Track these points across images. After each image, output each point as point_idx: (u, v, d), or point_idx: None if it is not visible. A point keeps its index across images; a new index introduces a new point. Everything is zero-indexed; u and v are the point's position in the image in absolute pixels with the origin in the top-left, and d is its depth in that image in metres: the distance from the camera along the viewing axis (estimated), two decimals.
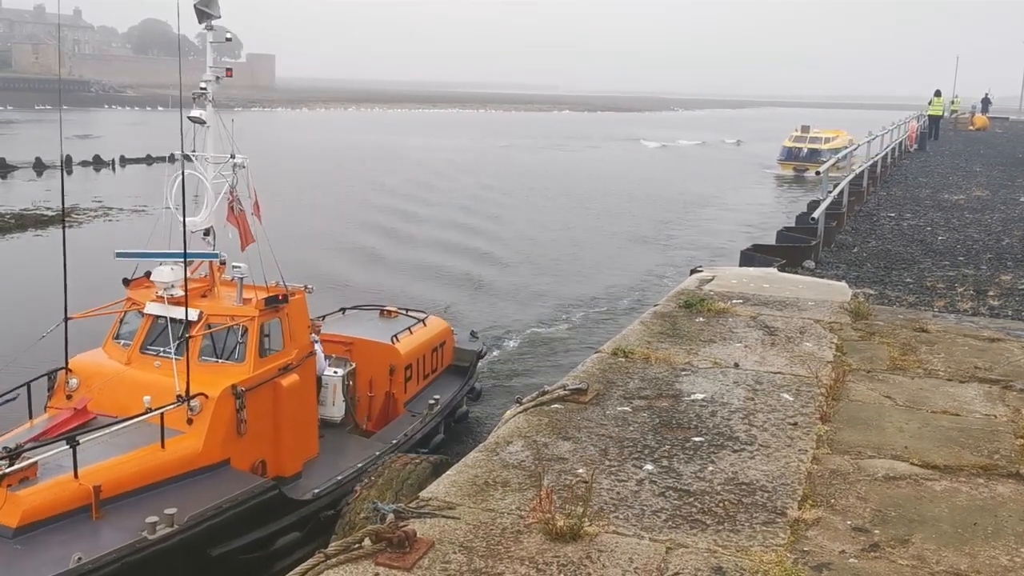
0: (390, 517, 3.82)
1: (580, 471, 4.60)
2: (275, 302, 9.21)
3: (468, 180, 42.02)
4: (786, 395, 5.91)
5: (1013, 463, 4.83)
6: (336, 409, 10.68)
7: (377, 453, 9.91)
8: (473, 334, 13.96)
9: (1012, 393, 6.09)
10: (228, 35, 9.79)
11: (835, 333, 7.60)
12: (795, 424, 5.36)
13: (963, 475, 4.68)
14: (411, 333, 11.91)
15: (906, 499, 4.37)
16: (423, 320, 12.50)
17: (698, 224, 31.97)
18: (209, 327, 8.95)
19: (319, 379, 10.24)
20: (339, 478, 9.45)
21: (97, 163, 42.33)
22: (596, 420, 5.38)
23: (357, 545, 3.70)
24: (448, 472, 4.71)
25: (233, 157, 9.62)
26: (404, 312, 12.80)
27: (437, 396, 11.46)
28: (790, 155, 47.93)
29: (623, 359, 6.66)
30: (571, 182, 43.23)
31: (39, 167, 40.02)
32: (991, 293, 10.68)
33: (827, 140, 47.06)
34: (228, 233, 9.60)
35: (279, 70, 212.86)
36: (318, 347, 10.29)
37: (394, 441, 10.37)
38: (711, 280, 9.85)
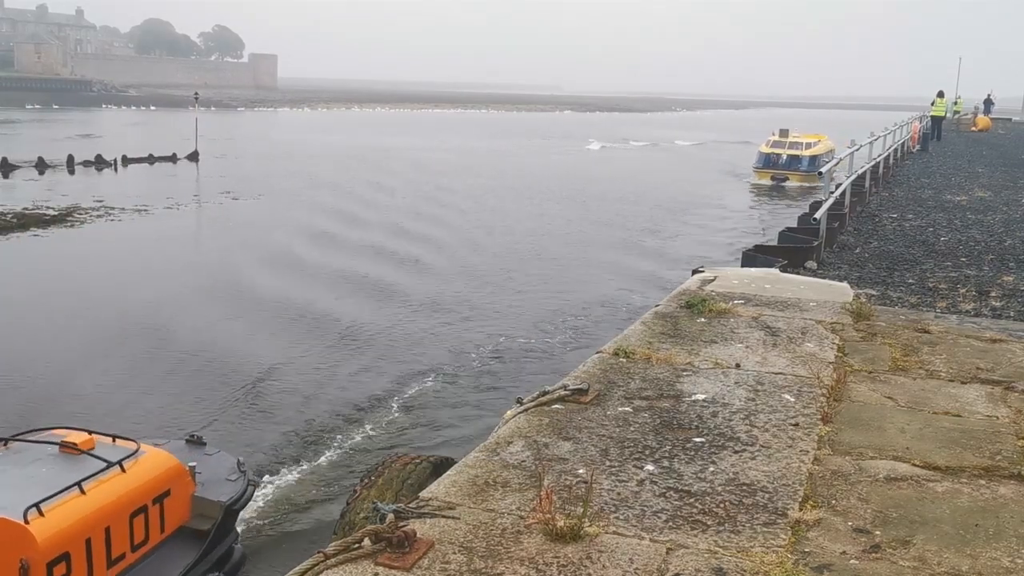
0: (390, 517, 3.81)
1: (581, 471, 4.59)
2: None
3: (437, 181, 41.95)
4: (787, 396, 5.90)
5: (1015, 464, 4.81)
6: None
7: None
8: (240, 466, 8.53)
9: (1014, 394, 6.08)
10: None
11: (837, 334, 7.59)
12: (796, 425, 5.35)
13: (965, 476, 4.67)
14: (81, 493, 6.70)
15: (907, 500, 4.36)
16: (121, 462, 7.12)
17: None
18: None
19: None
20: None
21: (99, 163, 42.35)
22: (597, 420, 5.37)
23: (357, 545, 3.69)
24: (448, 472, 4.71)
25: None
26: (111, 441, 7.51)
27: None
28: (767, 162, 42.92)
29: (624, 359, 6.65)
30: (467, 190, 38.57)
31: (41, 166, 40.08)
32: (993, 294, 10.67)
33: (808, 145, 42.77)
34: None
35: (281, 70, 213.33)
36: None
37: None
38: (712, 280, 9.84)
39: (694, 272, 10.65)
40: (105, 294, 18.75)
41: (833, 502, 4.31)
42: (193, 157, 46.18)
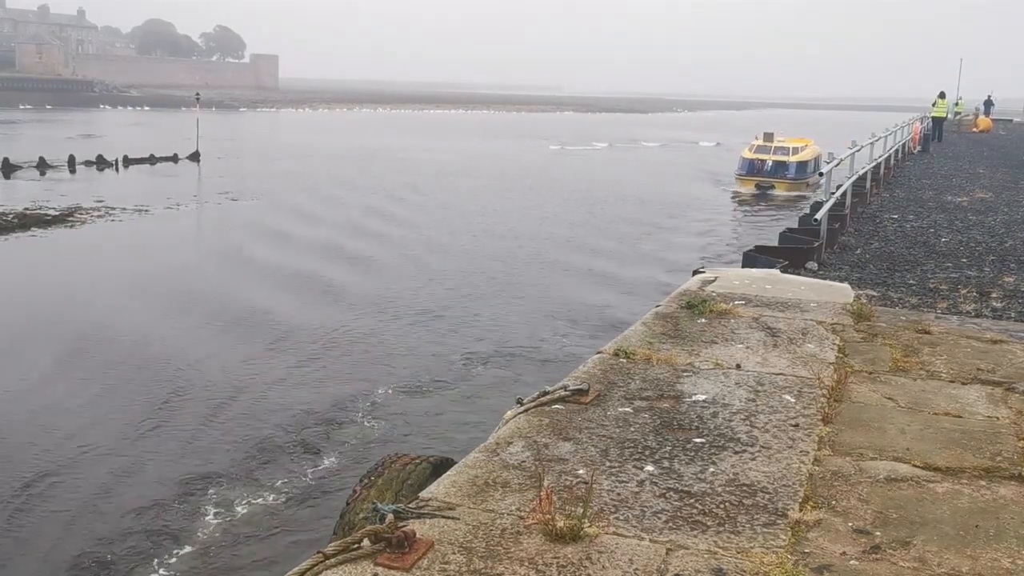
0: (389, 517, 3.81)
1: (581, 472, 4.59)
2: None
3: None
4: (788, 396, 5.90)
5: (1015, 465, 4.81)
6: None
7: None
8: None
9: (1014, 395, 6.08)
10: None
11: (837, 334, 7.58)
12: (797, 425, 5.35)
13: (965, 477, 4.67)
14: None
15: (908, 501, 4.35)
16: None
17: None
18: None
19: None
20: None
21: (100, 163, 42.35)
22: (597, 421, 5.37)
23: (356, 545, 3.69)
24: (448, 472, 4.71)
25: None
26: None
27: None
28: (751, 169, 38.69)
29: (624, 360, 6.65)
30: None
31: (42, 167, 40.10)
32: (994, 295, 10.65)
33: (795, 151, 39.02)
34: None
35: (283, 71, 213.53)
36: None
37: None
38: (713, 281, 9.84)
39: (695, 273, 10.65)
40: None
41: (833, 503, 4.31)
42: (194, 157, 46.19)
